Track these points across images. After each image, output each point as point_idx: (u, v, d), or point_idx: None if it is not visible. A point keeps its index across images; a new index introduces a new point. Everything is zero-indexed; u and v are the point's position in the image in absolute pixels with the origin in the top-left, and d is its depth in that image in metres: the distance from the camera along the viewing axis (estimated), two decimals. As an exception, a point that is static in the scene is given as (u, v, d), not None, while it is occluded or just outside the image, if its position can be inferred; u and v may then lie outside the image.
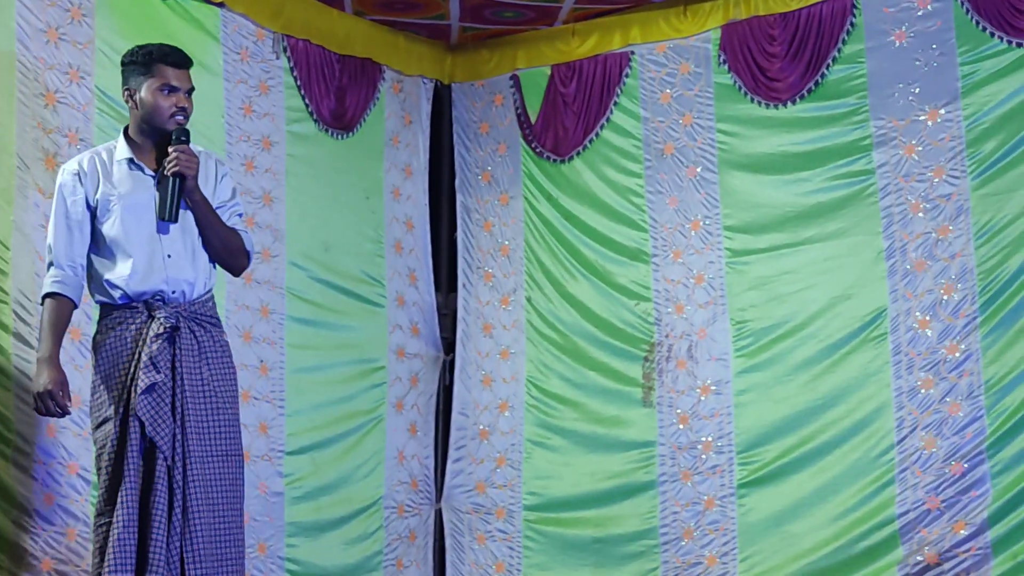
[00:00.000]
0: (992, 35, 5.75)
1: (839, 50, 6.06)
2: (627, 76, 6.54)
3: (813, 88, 6.11)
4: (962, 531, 5.57)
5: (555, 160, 6.70)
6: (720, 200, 6.29)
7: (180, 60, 4.45)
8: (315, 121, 6.38)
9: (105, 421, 4.27)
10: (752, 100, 6.24)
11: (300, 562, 5.99)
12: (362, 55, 6.58)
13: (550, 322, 6.63)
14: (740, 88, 6.26)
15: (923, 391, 5.74)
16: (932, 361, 5.75)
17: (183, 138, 4.38)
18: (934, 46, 5.90)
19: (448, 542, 6.65)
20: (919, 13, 5.91)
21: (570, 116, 6.65)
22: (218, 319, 4.57)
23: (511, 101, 6.84)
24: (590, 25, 6.59)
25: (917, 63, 5.91)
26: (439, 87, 6.98)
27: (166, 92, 4.39)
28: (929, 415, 5.72)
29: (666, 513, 6.18)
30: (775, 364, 6.07)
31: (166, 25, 5.73)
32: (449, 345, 6.88)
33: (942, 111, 5.84)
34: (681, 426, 6.22)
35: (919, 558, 5.63)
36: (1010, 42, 5.71)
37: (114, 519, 4.18)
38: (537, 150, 6.75)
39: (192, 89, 4.46)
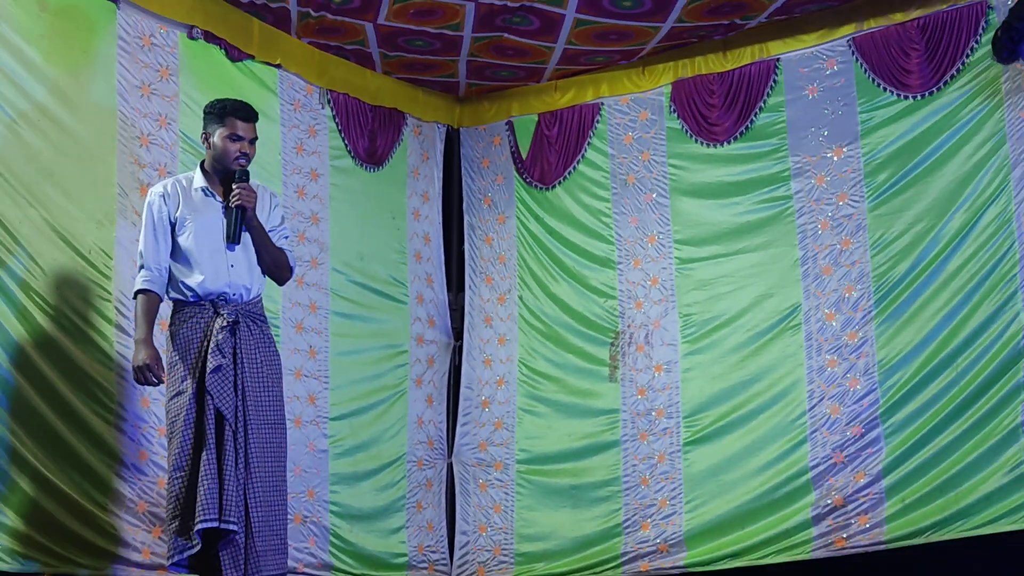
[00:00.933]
0: (884, 89, 5.76)
1: (764, 102, 6.09)
2: (598, 122, 6.57)
3: (744, 131, 6.13)
4: (861, 480, 5.55)
5: (541, 188, 6.73)
6: (671, 219, 6.31)
7: (247, 115, 4.57)
8: (352, 158, 6.43)
9: (180, 394, 4.36)
10: (696, 141, 6.27)
11: (341, 504, 6.05)
12: (389, 105, 6.62)
13: (537, 315, 6.66)
14: (687, 131, 6.29)
15: (829, 369, 5.76)
16: (836, 345, 5.76)
17: (244, 177, 4.49)
18: (839, 98, 5.90)
19: (457, 489, 6.67)
20: (827, 72, 5.94)
21: (553, 153, 6.68)
22: (265, 316, 4.66)
23: (507, 142, 6.86)
24: (569, 82, 6.64)
25: (826, 111, 5.93)
26: (450, 131, 7.00)
27: (233, 140, 4.51)
28: (834, 388, 5.73)
29: (627, 466, 6.20)
30: (713, 348, 6.10)
31: (235, 82, 5.78)
32: (458, 333, 6.89)
33: (845, 149, 5.86)
34: (639, 397, 6.26)
35: (828, 501, 5.61)
36: (898, 95, 5.71)
37: (199, 475, 4.24)
38: (527, 180, 6.79)
39: (255, 138, 4.57)
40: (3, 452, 4.65)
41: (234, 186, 4.51)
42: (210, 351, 4.39)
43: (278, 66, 6.01)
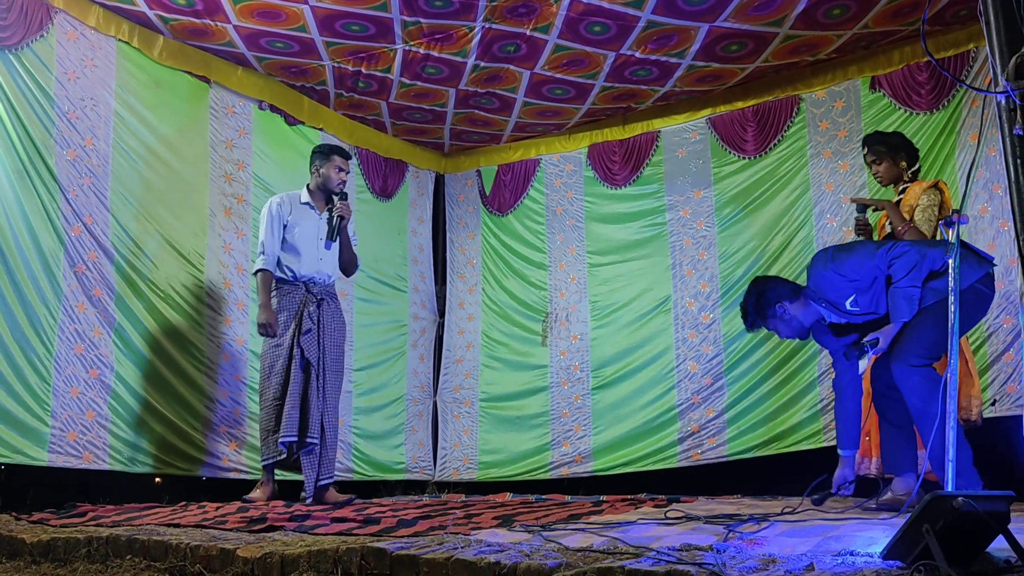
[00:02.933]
0: (730, 152, 5.78)
1: (649, 159, 6.08)
2: (538, 171, 6.54)
3: (636, 179, 6.11)
4: (711, 414, 5.59)
5: (499, 215, 6.68)
6: (585, 237, 6.28)
7: (347, 155, 4.63)
8: (371, 192, 6.39)
9: (279, 346, 4.36)
10: (603, 184, 6.24)
11: (360, 428, 6.02)
12: (396, 157, 6.59)
13: (495, 300, 6.62)
14: (597, 178, 6.27)
15: (689, 340, 5.77)
16: (694, 323, 5.77)
17: (344, 198, 4.54)
18: (699, 157, 5.92)
19: (439, 418, 6.64)
20: (692, 140, 5.95)
21: (507, 192, 6.65)
22: (337, 296, 4.68)
23: (476, 183, 6.82)
24: (519, 144, 6.61)
25: (691, 166, 5.94)
26: (438, 175, 6.98)
27: (337, 171, 4.55)
28: (693, 352, 5.74)
29: (554, 404, 6.19)
30: (612, 324, 6.08)
31: (291, 140, 5.74)
32: (441, 313, 6.84)
33: (702, 192, 5.87)
34: (561, 357, 6.24)
35: (688, 428, 5.64)
36: (739, 156, 5.73)
37: (286, 403, 4.27)
38: (490, 210, 6.74)
39: (349, 171, 4.65)
40: (125, 390, 4.66)
41: (339, 203, 4.56)
42: (304, 318, 4.40)
43: (320, 129, 5.97)
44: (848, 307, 3.50)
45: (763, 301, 3.57)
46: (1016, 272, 2.46)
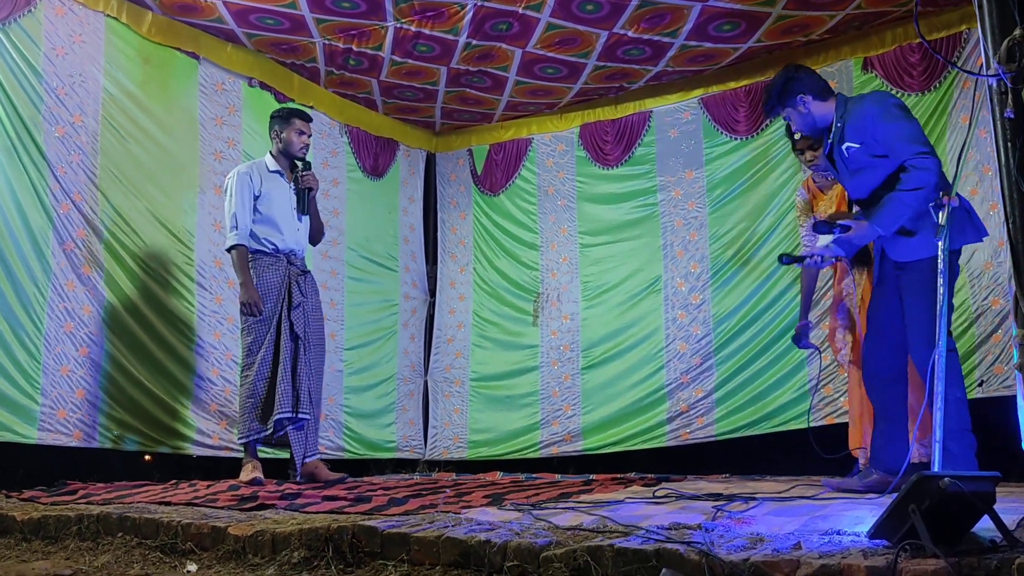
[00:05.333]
0: (721, 133, 5.76)
1: (641, 139, 6.06)
2: (530, 151, 6.52)
3: (627, 159, 6.10)
4: (700, 394, 5.61)
5: (490, 195, 6.66)
6: (577, 218, 6.28)
7: (307, 117, 4.46)
8: (362, 171, 6.35)
9: (263, 321, 4.23)
10: (595, 165, 6.23)
11: (351, 407, 6.01)
12: (387, 136, 6.55)
13: (486, 280, 6.61)
14: (589, 158, 6.26)
15: (679, 320, 5.77)
16: (684, 304, 5.77)
17: (308, 167, 4.41)
18: (691, 138, 5.90)
19: (430, 397, 6.63)
20: (684, 120, 5.93)
21: (499, 171, 6.63)
22: None
23: (468, 163, 6.80)
24: (511, 123, 6.59)
25: (682, 146, 5.92)
26: (429, 154, 6.95)
27: (299, 134, 4.41)
28: (682, 332, 5.75)
29: (544, 383, 6.19)
30: (602, 304, 6.09)
31: None
32: (432, 292, 6.83)
33: (694, 172, 5.86)
34: (552, 336, 6.24)
35: (677, 408, 5.66)
36: (731, 137, 5.72)
37: (278, 378, 4.17)
38: (481, 189, 6.72)
39: (311, 134, 4.49)
40: (115, 368, 4.64)
41: (303, 173, 4.41)
42: (293, 292, 4.31)
43: (311, 107, 5.92)
44: (844, 151, 3.37)
45: (789, 88, 3.47)
46: (1005, 253, 2.46)
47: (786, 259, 3.58)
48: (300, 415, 4.23)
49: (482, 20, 5.05)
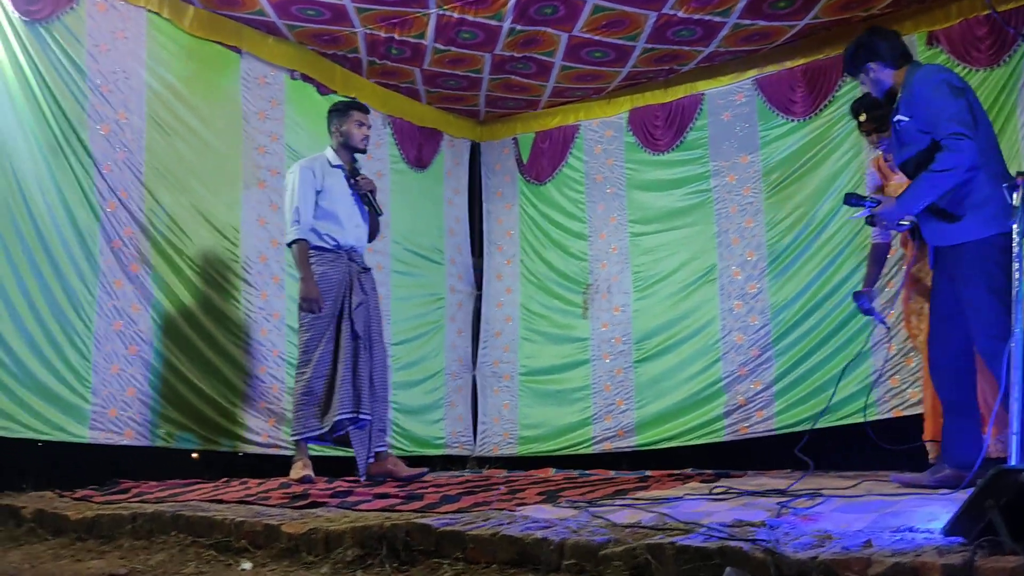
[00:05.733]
0: (777, 115, 5.71)
1: (693, 123, 6.03)
2: (577, 138, 6.52)
3: (679, 144, 6.07)
4: (759, 387, 5.58)
5: (537, 184, 6.68)
6: (627, 206, 6.26)
7: (365, 108, 4.52)
8: (406, 163, 6.38)
9: (321, 319, 4.24)
10: (645, 150, 6.21)
11: (399, 403, 6.02)
12: (431, 126, 6.59)
13: (533, 272, 6.63)
14: (638, 144, 6.24)
15: (736, 310, 5.74)
16: (741, 293, 5.74)
17: (356, 171, 4.45)
18: (745, 121, 5.86)
19: (479, 392, 6.68)
20: (738, 102, 5.89)
21: (545, 160, 6.65)
22: None
23: (513, 151, 6.82)
24: (557, 109, 6.60)
25: (736, 129, 5.88)
26: (474, 144, 6.98)
27: (358, 126, 4.45)
28: (739, 323, 5.72)
29: (595, 377, 6.20)
30: (655, 295, 6.08)
31: (323, 110, 5.49)
32: (479, 285, 6.87)
33: (749, 156, 5.82)
34: (603, 329, 6.24)
35: (735, 401, 5.64)
36: (787, 119, 5.67)
37: (338, 377, 4.18)
38: (527, 178, 6.73)
39: (371, 125, 4.53)
40: (165, 366, 4.74)
41: (356, 179, 4.45)
42: (355, 290, 4.34)
43: (353, 99, 5.92)
44: (897, 124, 3.32)
45: (861, 52, 3.43)
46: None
47: (852, 199, 3.49)
48: (361, 415, 4.24)
49: (526, 4, 5.04)
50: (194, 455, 5.04)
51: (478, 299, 6.85)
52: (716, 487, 3.48)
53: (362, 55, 5.67)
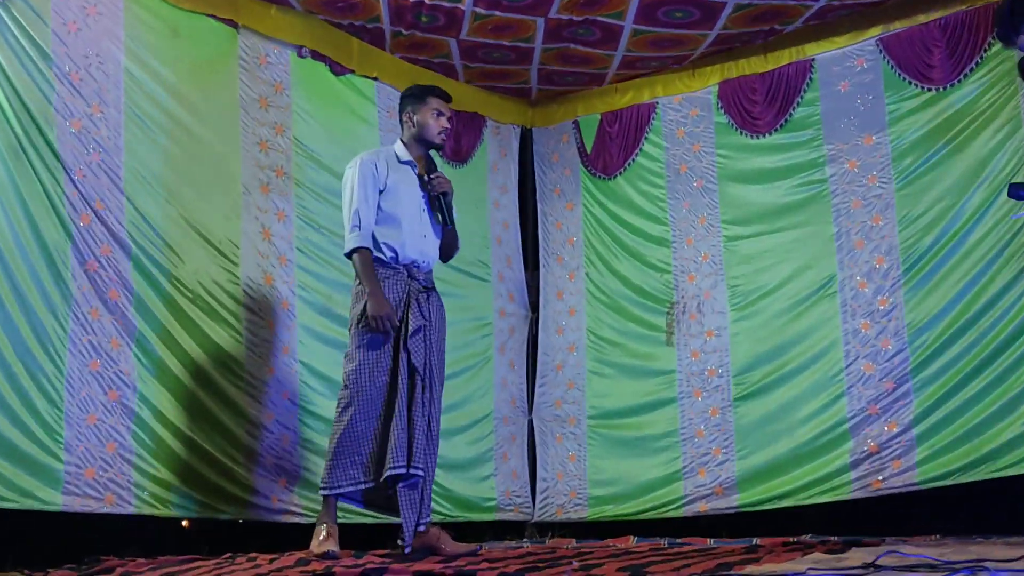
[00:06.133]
0: (909, 83, 5.69)
1: (801, 97, 6.03)
2: (654, 119, 6.56)
3: (784, 124, 6.09)
4: (894, 429, 5.52)
5: (604, 178, 6.73)
6: (719, 203, 6.29)
7: (446, 95, 4.60)
8: (440, 156, 6.37)
9: (375, 347, 4.28)
10: (741, 133, 6.23)
11: (440, 456, 5.95)
12: (471, 110, 6.66)
13: (602, 289, 6.66)
14: (732, 125, 6.26)
15: (863, 332, 5.71)
16: (869, 310, 5.71)
17: (434, 167, 4.54)
18: (868, 92, 5.84)
19: (537, 440, 6.71)
20: (857, 69, 5.88)
21: (614, 148, 6.69)
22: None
23: (573, 138, 6.86)
24: (628, 85, 6.64)
25: (857, 103, 5.87)
26: (524, 130, 7.03)
27: (436, 116, 4.57)
28: (867, 348, 5.68)
29: (684, 419, 6.21)
30: (758, 315, 6.08)
31: (339, 94, 5.90)
32: (534, 306, 6.90)
33: (874, 137, 5.80)
34: (693, 359, 6.25)
35: (864, 448, 5.59)
36: (922, 88, 5.64)
37: (393, 422, 4.21)
38: (592, 171, 6.78)
39: (452, 116, 4.60)
40: (152, 414, 4.82)
41: (432, 176, 4.55)
42: (412, 313, 4.40)
43: (375, 79, 6.08)
44: None
45: (1019, 7, 3.41)
46: None
47: (1016, 191, 3.50)
48: (413, 471, 4.26)
49: (589, -44, 5.13)
50: (184, 522, 5.15)
51: (534, 324, 6.88)
52: (846, 558, 3.46)
53: (385, 25, 5.76)
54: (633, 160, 6.66)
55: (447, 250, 4.77)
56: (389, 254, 4.48)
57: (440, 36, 5.94)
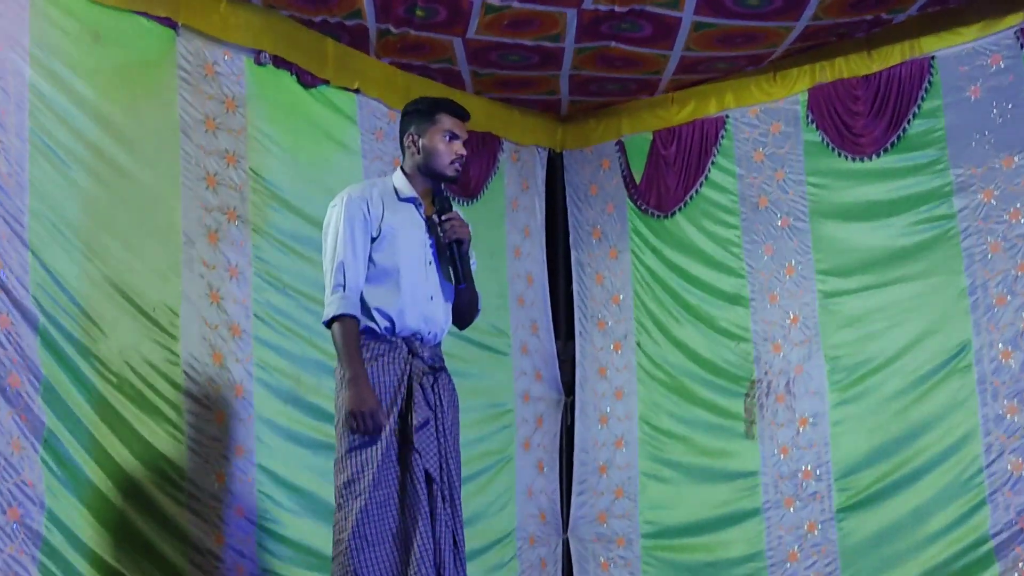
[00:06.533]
0: (1063, 86, 5.67)
1: (919, 106, 6.01)
2: (723, 138, 6.57)
3: (896, 142, 6.08)
4: (1053, 547, 5.44)
5: (659, 216, 6.74)
6: (812, 247, 6.28)
7: (461, 112, 4.48)
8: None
9: (369, 445, 4.17)
10: (839, 154, 6.23)
11: None
12: (483, 129, 6.64)
13: (658, 364, 6.65)
14: (828, 144, 6.26)
15: (1009, 417, 5.62)
16: (1016, 389, 5.63)
17: (448, 205, 4.40)
18: (1007, 99, 5.81)
19: (575, 568, 6.65)
20: (992, 70, 5.84)
21: (671, 176, 6.70)
22: None
23: (617, 164, 6.89)
24: (687, 93, 6.65)
25: (992, 115, 5.84)
26: (552, 154, 7.02)
27: (447, 139, 4.41)
28: (1016, 440, 5.60)
29: (771, 537, 6.17)
30: (867, 396, 6.03)
31: (310, 111, 5.90)
32: (569, 388, 6.88)
33: (1016, 158, 5.75)
34: (782, 456, 6.21)
35: (1015, 574, 5.48)
36: (1081, 91, 5.63)
37: (415, 545, 4.14)
38: (642, 207, 6.79)
39: (467, 140, 4.49)
40: (66, 540, 4.70)
41: (443, 218, 4.42)
42: (415, 402, 4.28)
43: (356, 91, 6.08)
44: None
45: None
46: None
47: None
48: None
49: (636, -73, 5.12)
50: None
51: (569, 411, 6.87)
52: None
53: (369, 21, 5.74)
54: (696, 192, 6.67)
55: (462, 316, 4.63)
56: (383, 323, 4.32)
57: (441, 35, 5.94)
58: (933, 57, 6.02)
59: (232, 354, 5.39)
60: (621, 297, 6.84)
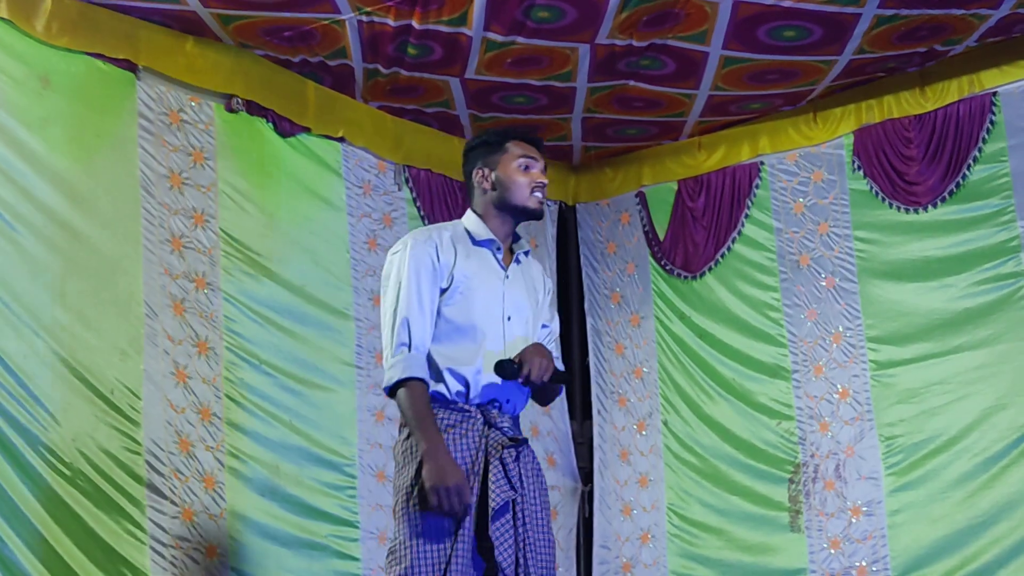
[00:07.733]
0: None
1: (980, 149, 6.04)
2: (757, 187, 6.61)
3: (954, 190, 6.10)
4: None
5: (686, 277, 6.77)
6: (861, 310, 6.29)
7: (534, 137, 4.35)
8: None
9: (436, 533, 3.93)
10: (890, 205, 6.27)
11: None
12: (485, 180, 6.71)
13: (689, 446, 6.66)
14: (877, 193, 6.29)
15: (1098, 504, 5.64)
16: (1101, 474, 5.65)
17: (511, 372, 4.04)
18: (1083, 139, 5.85)
19: None
20: (1064, 106, 5.88)
21: (700, 231, 6.74)
22: None
23: (638, 219, 6.93)
24: (716, 137, 6.69)
25: (1067, 157, 5.87)
26: (563, 208, 7.08)
27: (523, 168, 4.24)
28: (1108, 530, 5.63)
29: None
30: (929, 481, 6.01)
31: (288, 163, 5.95)
32: (587, 475, 6.89)
33: (1095, 208, 5.78)
34: (833, 551, 6.19)
35: None
36: None
37: None
38: (667, 267, 6.82)
39: (546, 166, 4.33)
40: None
41: (519, 381, 4.10)
42: (494, 480, 4.04)
43: (341, 139, 6.14)
44: None
45: None
46: None
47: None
48: None
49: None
50: None
51: (586, 501, 6.87)
52: None
53: (355, 61, 5.81)
54: (728, 249, 6.71)
55: (545, 393, 4.38)
56: (456, 388, 4.09)
57: (436, 75, 5.99)
58: (995, 93, 6.05)
59: (201, 441, 5.40)
60: (644, 370, 6.88)
